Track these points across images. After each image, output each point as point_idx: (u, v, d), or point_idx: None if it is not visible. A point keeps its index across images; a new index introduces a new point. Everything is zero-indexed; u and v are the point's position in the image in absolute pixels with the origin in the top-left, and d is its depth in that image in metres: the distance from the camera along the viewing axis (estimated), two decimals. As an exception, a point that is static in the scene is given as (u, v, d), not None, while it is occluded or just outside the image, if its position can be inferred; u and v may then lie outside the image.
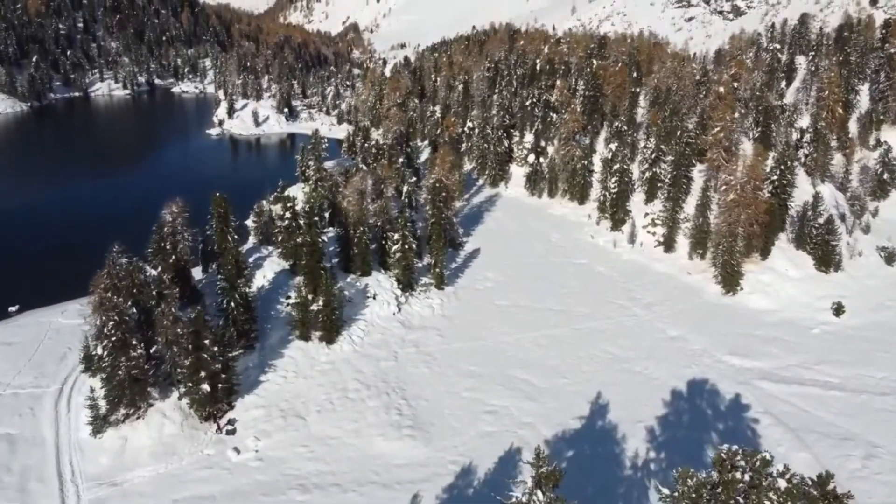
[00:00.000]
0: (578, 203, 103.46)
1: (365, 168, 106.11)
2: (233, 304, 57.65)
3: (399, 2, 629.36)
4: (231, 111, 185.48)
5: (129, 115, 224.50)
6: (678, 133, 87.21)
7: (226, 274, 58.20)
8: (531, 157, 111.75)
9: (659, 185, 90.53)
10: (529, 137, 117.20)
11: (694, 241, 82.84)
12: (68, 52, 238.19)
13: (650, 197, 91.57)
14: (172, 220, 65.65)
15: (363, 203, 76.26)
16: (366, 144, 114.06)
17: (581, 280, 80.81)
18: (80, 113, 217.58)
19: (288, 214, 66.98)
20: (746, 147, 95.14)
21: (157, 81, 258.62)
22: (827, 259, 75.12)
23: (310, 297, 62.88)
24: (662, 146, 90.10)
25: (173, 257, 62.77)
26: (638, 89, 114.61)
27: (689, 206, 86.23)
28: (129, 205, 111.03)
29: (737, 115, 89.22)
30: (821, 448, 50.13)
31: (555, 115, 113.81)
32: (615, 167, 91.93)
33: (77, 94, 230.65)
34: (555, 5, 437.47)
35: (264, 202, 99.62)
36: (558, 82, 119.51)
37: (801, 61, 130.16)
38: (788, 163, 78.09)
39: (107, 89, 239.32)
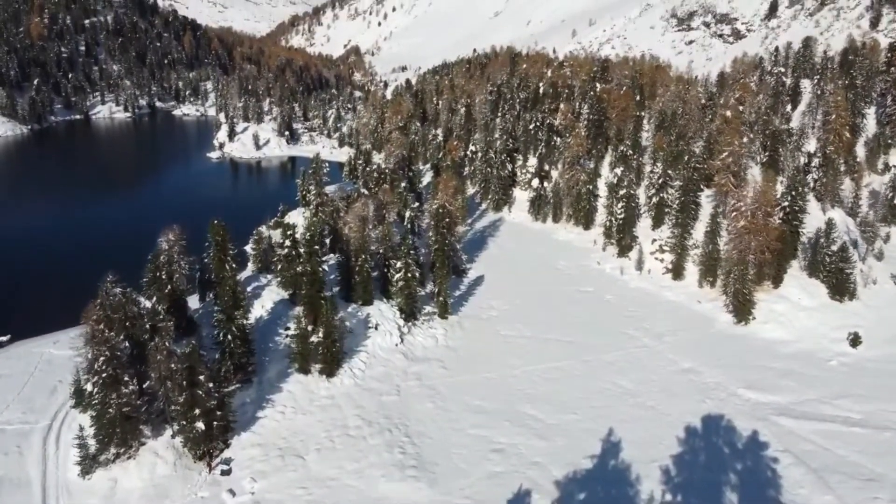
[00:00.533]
0: (584, 228, 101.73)
1: (366, 193, 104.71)
2: (229, 336, 55.54)
3: (400, 25, 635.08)
4: (232, 134, 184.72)
5: (130, 137, 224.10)
6: (686, 158, 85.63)
7: (222, 305, 56.15)
8: (535, 182, 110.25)
9: (666, 210, 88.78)
10: (533, 161, 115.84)
11: (703, 268, 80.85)
12: (70, 76, 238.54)
13: (657, 223, 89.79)
14: (169, 249, 63.78)
15: (365, 230, 74.39)
16: (367, 168, 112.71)
17: (588, 309, 78.67)
18: (80, 136, 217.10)
19: (288, 242, 65.09)
20: (754, 172, 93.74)
21: (158, 104, 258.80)
22: (841, 287, 73.01)
23: (310, 328, 60.78)
24: (670, 171, 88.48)
25: (169, 287, 60.77)
26: (642, 113, 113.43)
27: (698, 232, 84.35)
28: (127, 230, 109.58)
29: (745, 139, 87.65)
30: (845, 490, 47.64)
31: (559, 139, 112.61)
32: (621, 192, 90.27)
33: (78, 116, 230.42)
34: (555, 29, 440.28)
35: (263, 228, 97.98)
36: (562, 106, 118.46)
37: (806, 85, 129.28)
38: (800, 188, 76.35)
39: (108, 112, 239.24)
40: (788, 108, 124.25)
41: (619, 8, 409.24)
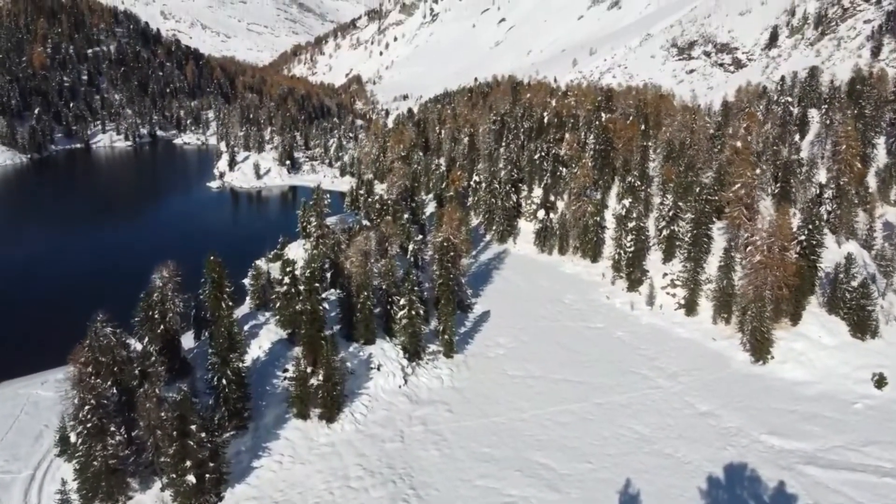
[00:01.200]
0: (591, 261, 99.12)
1: (368, 224, 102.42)
2: (224, 380, 52.56)
3: (401, 55, 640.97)
4: (232, 163, 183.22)
5: (130, 167, 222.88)
6: (697, 190, 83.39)
7: (217, 347, 53.29)
8: (541, 213, 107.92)
9: (677, 243, 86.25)
10: (538, 192, 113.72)
11: (718, 304, 78.02)
12: (71, 105, 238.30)
13: (668, 256, 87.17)
14: (163, 286, 61.06)
15: (367, 265, 71.71)
16: (369, 199, 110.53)
17: (599, 346, 75.65)
18: (79, 165, 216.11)
19: (287, 279, 62.44)
20: (766, 204, 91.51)
21: (159, 133, 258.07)
22: (863, 325, 70.13)
23: (309, 369, 57.87)
24: (680, 203, 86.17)
25: (162, 327, 57.96)
26: (649, 143, 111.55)
27: (710, 266, 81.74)
28: (124, 261, 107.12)
29: (758, 171, 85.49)
30: (883, 549, 44.41)
31: (564, 170, 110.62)
32: (631, 225, 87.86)
33: (78, 145, 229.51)
34: (555, 58, 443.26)
35: (262, 261, 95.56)
36: (567, 136, 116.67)
37: (814, 114, 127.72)
38: (817, 222, 73.90)
39: (108, 141, 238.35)
40: (797, 137, 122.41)
41: (620, 38, 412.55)
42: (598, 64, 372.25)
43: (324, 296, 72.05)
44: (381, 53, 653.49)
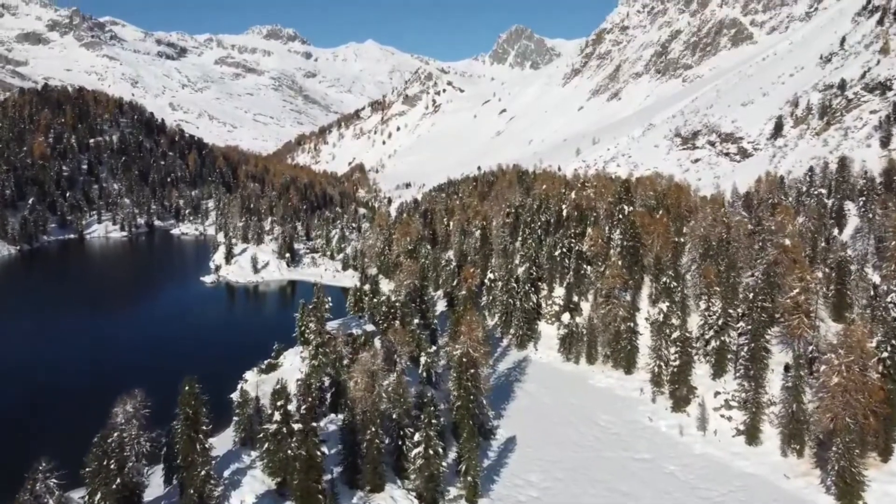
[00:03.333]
0: (625, 372, 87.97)
1: (374, 328, 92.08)
2: (191, 560, 40.54)
3: (404, 144, 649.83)
4: (229, 256, 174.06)
5: (122, 259, 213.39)
6: (751, 296, 73.36)
7: (185, 515, 41.54)
8: (565, 316, 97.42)
9: (729, 356, 75.41)
10: (559, 291, 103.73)
11: (786, 432, 66.31)
12: (67, 194, 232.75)
13: (719, 371, 76.07)
14: (125, 423, 49.67)
15: (374, 388, 60.63)
16: (375, 300, 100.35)
17: (649, 485, 63.29)
18: (71, 256, 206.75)
19: (278, 416, 51.17)
20: (822, 311, 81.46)
21: (156, 223, 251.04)
22: (971, 463, 58.38)
23: (302, 532, 45.87)
24: (731, 311, 75.95)
25: (119, 480, 46.22)
26: (680, 239, 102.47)
27: (771, 384, 70.59)
28: (95, 374, 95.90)
29: (819, 274, 75.81)
30: None
31: (589, 267, 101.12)
32: (674, 334, 77.27)
33: (72, 236, 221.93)
34: (557, 147, 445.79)
35: (253, 373, 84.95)
36: (590, 230, 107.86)
37: (850, 207, 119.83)
38: (901, 336, 63.43)
39: (103, 231, 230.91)
40: (835, 231, 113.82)
41: (621, 127, 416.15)
42: (601, 153, 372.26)
43: (322, 424, 60.90)
44: (383, 142, 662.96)
